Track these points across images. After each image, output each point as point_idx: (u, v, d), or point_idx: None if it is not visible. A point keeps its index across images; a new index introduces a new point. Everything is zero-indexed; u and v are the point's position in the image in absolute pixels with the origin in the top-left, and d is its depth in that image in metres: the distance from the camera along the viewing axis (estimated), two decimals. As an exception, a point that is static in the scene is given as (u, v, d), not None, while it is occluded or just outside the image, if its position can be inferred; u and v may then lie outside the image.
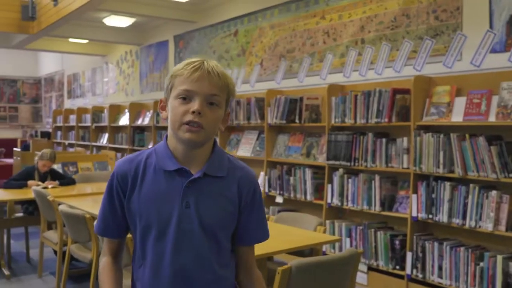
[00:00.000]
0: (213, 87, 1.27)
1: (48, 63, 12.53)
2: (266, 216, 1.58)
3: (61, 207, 3.60)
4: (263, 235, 1.44)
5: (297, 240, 2.81)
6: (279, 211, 4.89)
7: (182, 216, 1.29)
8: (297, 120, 4.71)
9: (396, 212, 3.88)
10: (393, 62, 4.18)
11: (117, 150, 8.34)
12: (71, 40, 8.52)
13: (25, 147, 11.90)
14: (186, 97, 1.26)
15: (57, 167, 6.33)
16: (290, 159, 4.83)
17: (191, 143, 1.28)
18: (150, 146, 7.19)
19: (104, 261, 1.42)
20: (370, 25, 4.34)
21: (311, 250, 3.01)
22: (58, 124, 10.95)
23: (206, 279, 1.33)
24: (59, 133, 11.01)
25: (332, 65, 4.74)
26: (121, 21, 6.99)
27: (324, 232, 3.02)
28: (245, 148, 5.49)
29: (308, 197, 4.57)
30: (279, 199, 4.91)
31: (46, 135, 12.28)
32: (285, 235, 2.93)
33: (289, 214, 3.47)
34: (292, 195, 4.74)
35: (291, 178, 4.75)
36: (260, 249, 2.60)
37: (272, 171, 4.97)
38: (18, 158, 7.90)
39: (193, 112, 1.25)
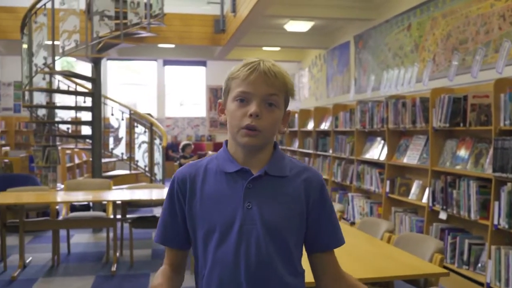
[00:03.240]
0: (270, 87, 1.24)
1: (260, 72, 13.37)
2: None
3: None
4: (338, 239, 1.35)
5: (395, 268, 2.33)
6: (442, 230, 4.21)
7: (245, 217, 1.24)
8: (461, 123, 3.97)
9: None
10: None
11: (305, 154, 8.39)
12: (264, 48, 8.89)
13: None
14: (243, 99, 1.24)
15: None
16: (456, 169, 4.10)
17: (249, 147, 1.26)
18: (330, 151, 7.01)
19: (161, 269, 1.36)
20: (554, 0, 3.39)
21: (425, 281, 2.46)
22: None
23: (273, 284, 1.24)
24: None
25: (509, 55, 3.86)
26: (300, 26, 6.99)
27: (442, 261, 2.44)
28: (412, 155, 4.88)
29: (472, 216, 3.80)
30: (442, 215, 4.21)
31: (255, 139, 13.13)
32: (387, 260, 2.46)
33: (412, 235, 2.92)
34: (455, 211, 4.01)
35: (455, 192, 4.02)
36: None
37: (437, 182, 4.29)
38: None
39: (251, 115, 1.22)
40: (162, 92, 14.13)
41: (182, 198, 1.31)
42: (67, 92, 6.67)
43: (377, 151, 5.64)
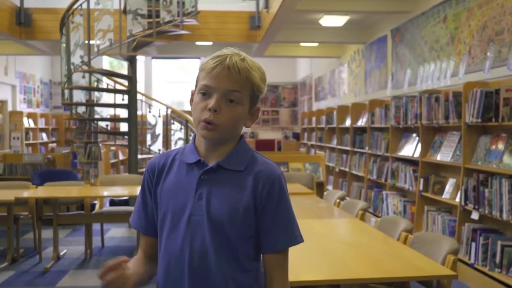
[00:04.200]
0: (232, 83, 1.23)
1: (302, 68, 13.29)
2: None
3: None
4: (284, 240, 1.29)
5: (403, 269, 2.23)
6: (474, 230, 4.02)
7: (194, 208, 1.26)
8: (493, 118, 3.77)
9: None
10: None
11: (342, 151, 8.25)
12: (302, 44, 8.80)
13: (279, 147, 12.92)
14: (205, 93, 1.25)
15: (268, 166, 6.63)
16: (488, 167, 3.90)
17: (207, 139, 1.28)
18: (366, 148, 6.86)
19: (135, 257, 1.39)
20: None
21: (438, 283, 2.35)
22: (305, 126, 11.48)
23: (214, 277, 1.24)
24: (306, 134, 11.53)
25: (546, 46, 3.63)
26: (335, 20, 6.86)
27: (454, 263, 2.32)
28: (445, 152, 4.69)
29: (504, 216, 3.60)
30: (474, 215, 4.02)
31: (296, 136, 13.05)
32: (397, 260, 2.36)
33: (428, 235, 2.80)
34: (487, 211, 3.82)
35: (487, 190, 3.83)
36: (349, 273, 2.18)
37: (469, 181, 4.10)
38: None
39: (209, 109, 1.23)
40: (205, 90, 14.28)
41: (151, 186, 1.34)
42: (103, 90, 6.85)
43: (412, 148, 5.46)
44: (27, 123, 11.28)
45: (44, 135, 12.37)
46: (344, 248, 2.60)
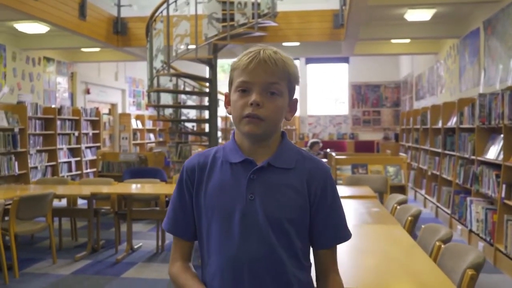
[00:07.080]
0: (270, 75, 1.22)
1: (405, 67, 12.69)
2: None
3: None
4: (340, 236, 1.32)
5: (403, 284, 2.05)
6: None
7: (247, 208, 1.23)
8: None
9: None
10: None
11: (435, 154, 7.74)
12: (393, 41, 8.42)
13: (378, 149, 12.46)
14: (244, 89, 1.23)
15: (345, 168, 6.46)
16: None
17: (252, 135, 1.25)
18: (454, 151, 6.37)
19: (177, 266, 1.34)
20: None
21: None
22: (403, 127, 10.96)
23: (276, 276, 1.24)
24: (404, 135, 11.00)
25: None
26: (421, 14, 6.46)
27: (472, 279, 2.07)
28: (528, 156, 4.20)
29: None
30: (552, 227, 3.55)
31: (396, 137, 12.49)
32: (402, 273, 2.18)
33: (458, 246, 2.50)
34: None
35: None
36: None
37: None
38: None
39: (251, 104, 1.21)
40: (304, 90, 14.25)
41: (191, 186, 1.31)
42: (182, 92, 7.14)
43: (497, 151, 4.96)
44: (135, 124, 12.12)
45: (151, 135, 13.22)
46: (355, 256, 2.45)
